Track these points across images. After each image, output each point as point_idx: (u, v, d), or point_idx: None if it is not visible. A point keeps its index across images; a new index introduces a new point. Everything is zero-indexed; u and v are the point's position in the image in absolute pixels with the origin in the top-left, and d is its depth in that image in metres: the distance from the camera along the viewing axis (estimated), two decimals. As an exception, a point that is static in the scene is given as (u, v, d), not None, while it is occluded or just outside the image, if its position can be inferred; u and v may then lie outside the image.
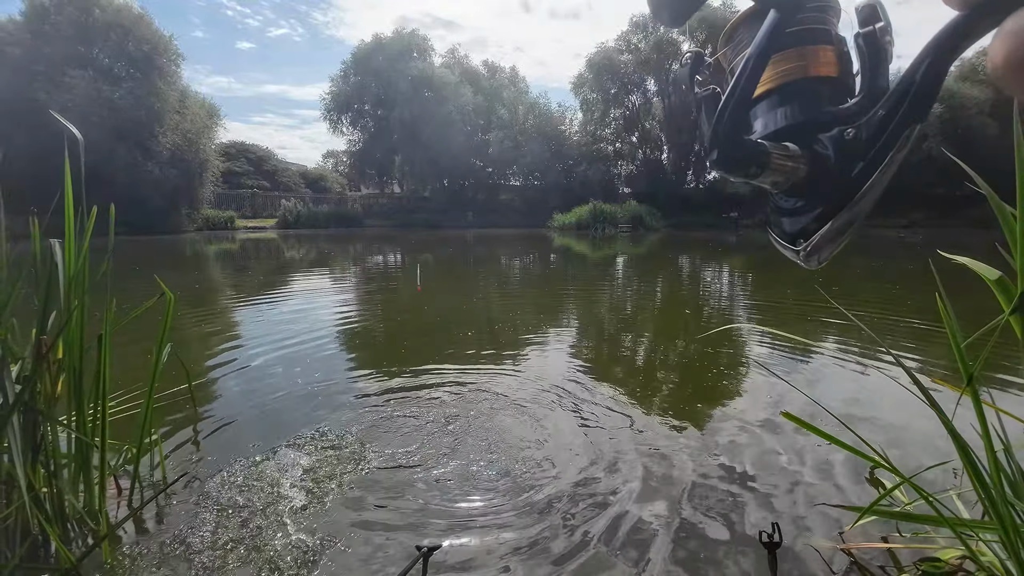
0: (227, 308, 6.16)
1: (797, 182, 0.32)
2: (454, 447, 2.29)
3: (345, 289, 7.74)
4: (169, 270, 10.30)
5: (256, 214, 31.84)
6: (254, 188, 33.78)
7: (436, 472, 2.07)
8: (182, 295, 6.64)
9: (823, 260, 0.33)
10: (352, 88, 36.00)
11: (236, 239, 21.05)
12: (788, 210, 0.34)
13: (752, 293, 7.74)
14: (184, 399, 2.82)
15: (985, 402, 1.18)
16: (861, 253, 14.51)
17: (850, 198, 0.30)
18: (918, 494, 1.27)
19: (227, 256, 14.08)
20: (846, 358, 3.75)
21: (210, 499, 1.87)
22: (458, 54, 38.61)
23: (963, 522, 1.21)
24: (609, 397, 2.92)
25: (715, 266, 11.39)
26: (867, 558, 1.55)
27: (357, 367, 3.51)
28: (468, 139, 35.23)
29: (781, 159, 0.32)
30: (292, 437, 2.38)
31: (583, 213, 26.52)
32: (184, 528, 1.71)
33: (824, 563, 1.53)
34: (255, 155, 37.78)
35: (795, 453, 2.22)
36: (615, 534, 1.68)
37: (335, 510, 1.81)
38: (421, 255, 14.10)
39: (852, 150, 0.31)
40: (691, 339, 4.43)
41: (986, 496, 1.10)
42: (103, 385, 1.67)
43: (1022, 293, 1.02)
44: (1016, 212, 1.03)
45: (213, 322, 5.29)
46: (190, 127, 25.26)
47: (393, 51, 35.16)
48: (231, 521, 1.74)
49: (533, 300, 6.93)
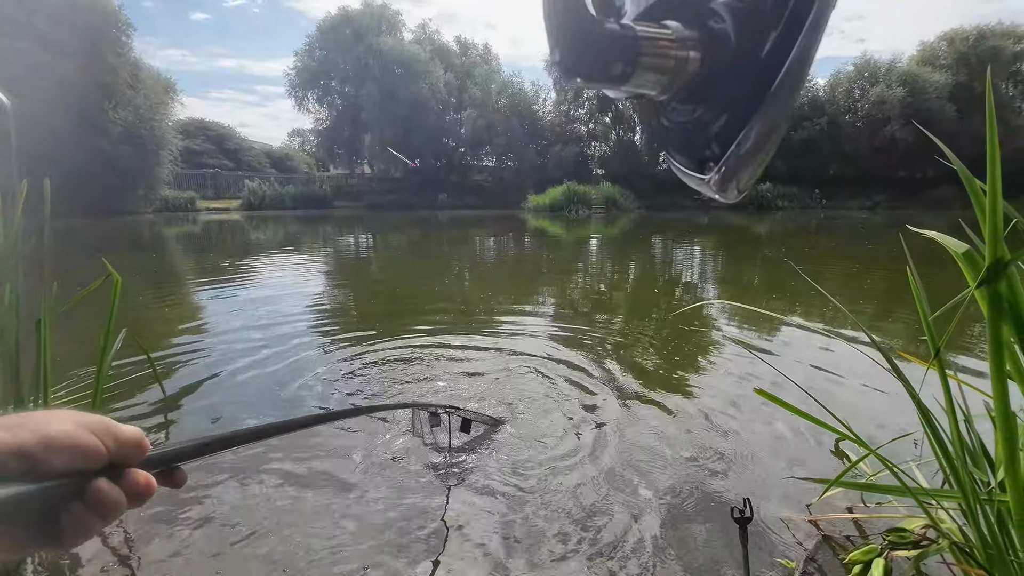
0: (190, 291, 5.91)
1: (689, 79, 0.23)
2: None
3: (315, 271, 7.54)
4: (127, 253, 9.83)
5: (219, 195, 30.64)
6: (216, 168, 32.42)
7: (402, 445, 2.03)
8: (141, 279, 6.35)
9: (743, 188, 0.24)
10: (318, 63, 34.67)
11: (198, 221, 20.25)
12: (685, 123, 0.24)
13: (722, 271, 7.88)
14: (148, 384, 2.69)
15: (949, 374, 1.20)
16: (826, 232, 14.93)
17: (765, 90, 0.20)
18: (883, 465, 1.29)
19: (189, 238, 13.54)
20: (812, 334, 3.85)
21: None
22: (429, 29, 37.56)
23: (926, 491, 1.24)
24: (581, 372, 2.91)
25: (687, 246, 11.55)
26: (834, 529, 1.59)
27: (328, 349, 3.41)
28: (440, 118, 34.54)
29: (660, 47, 0.22)
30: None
31: (557, 194, 26.46)
32: (142, 521, 1.63)
33: (792, 535, 1.56)
34: (215, 133, 36.18)
35: (764, 427, 2.26)
36: (585, 510, 1.68)
37: (301, 496, 1.76)
38: (391, 234, 13.85)
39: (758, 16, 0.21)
40: (663, 316, 4.47)
41: (948, 465, 1.12)
42: (44, 373, 1.55)
43: (989, 266, 1.02)
44: (985, 186, 1.03)
45: (176, 305, 5.08)
46: (144, 103, 23.90)
47: (361, 25, 33.91)
48: (193, 509, 1.67)
49: (509, 282, 6.89)
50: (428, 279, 6.85)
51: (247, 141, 38.74)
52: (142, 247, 11.15)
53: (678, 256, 9.82)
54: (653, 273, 7.74)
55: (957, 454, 1.15)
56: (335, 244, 11.93)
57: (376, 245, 12.08)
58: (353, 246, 11.62)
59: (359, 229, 16.53)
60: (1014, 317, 1.03)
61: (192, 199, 26.69)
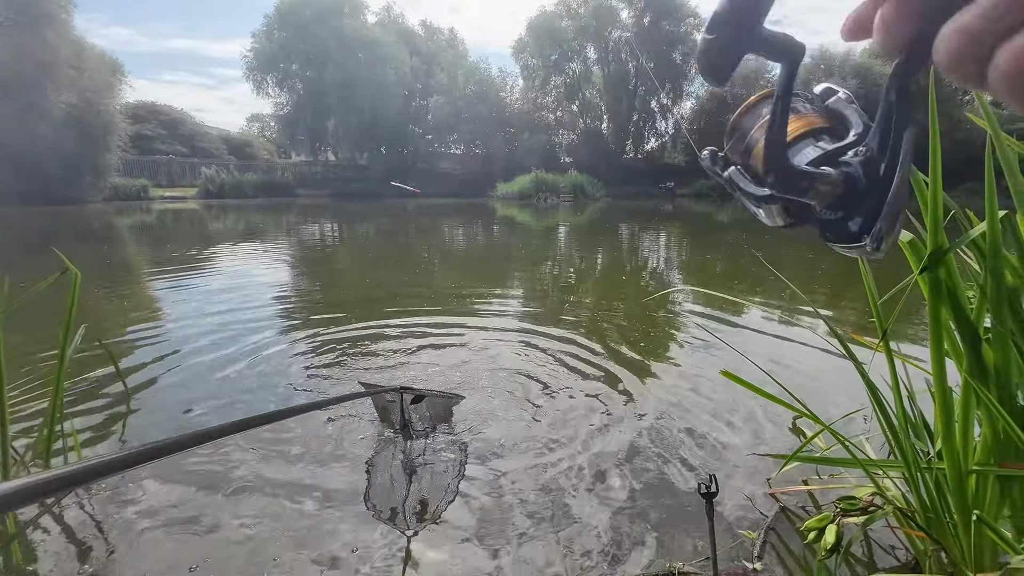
0: (146, 283, 5.68)
1: (840, 193, 0.38)
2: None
3: (278, 261, 7.34)
4: (77, 244, 9.32)
5: (173, 183, 29.26)
6: (170, 155, 30.88)
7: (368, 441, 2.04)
8: (95, 272, 6.05)
9: (890, 245, 0.37)
10: (277, 46, 33.37)
11: (151, 210, 19.33)
12: (839, 219, 0.39)
13: (687, 257, 8.10)
14: (108, 383, 2.59)
15: (895, 353, 1.29)
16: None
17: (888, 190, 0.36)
18: (836, 439, 1.39)
19: (143, 229, 12.93)
20: (771, 317, 4.03)
21: (135, 486, 1.74)
22: (393, 12, 36.64)
23: (872, 462, 1.34)
24: (546, 355, 2.97)
25: (653, 233, 11.79)
26: (792, 501, 1.70)
27: (294, 345, 3.35)
28: (406, 104, 33.90)
29: (823, 175, 0.38)
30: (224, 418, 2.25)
31: (526, 183, 26.47)
32: (105, 519, 1.59)
33: (754, 508, 1.66)
34: (168, 117, 34.36)
35: (727, 407, 2.37)
36: (552, 488, 1.73)
37: (265, 493, 1.75)
38: (357, 223, 13.60)
39: (871, 159, 0.37)
40: (629, 302, 4.58)
41: (892, 437, 1.22)
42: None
43: (931, 254, 1.11)
44: (928, 179, 1.11)
45: (134, 299, 4.87)
46: (89, 84, 22.46)
47: (323, 7, 32.74)
48: (159, 506, 1.64)
49: (476, 271, 6.89)
50: (394, 269, 6.78)
51: (203, 126, 36.97)
52: (91, 238, 10.58)
53: (645, 243, 10.02)
54: (620, 260, 7.88)
55: (901, 427, 1.25)
56: (298, 233, 11.63)
57: (342, 234, 11.83)
58: (318, 235, 11.36)
59: (324, 218, 16.13)
60: (951, 301, 1.12)
61: (145, 187, 25.38)
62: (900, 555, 1.43)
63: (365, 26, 32.88)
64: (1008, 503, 1.14)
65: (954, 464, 1.17)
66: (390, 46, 32.23)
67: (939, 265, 1.12)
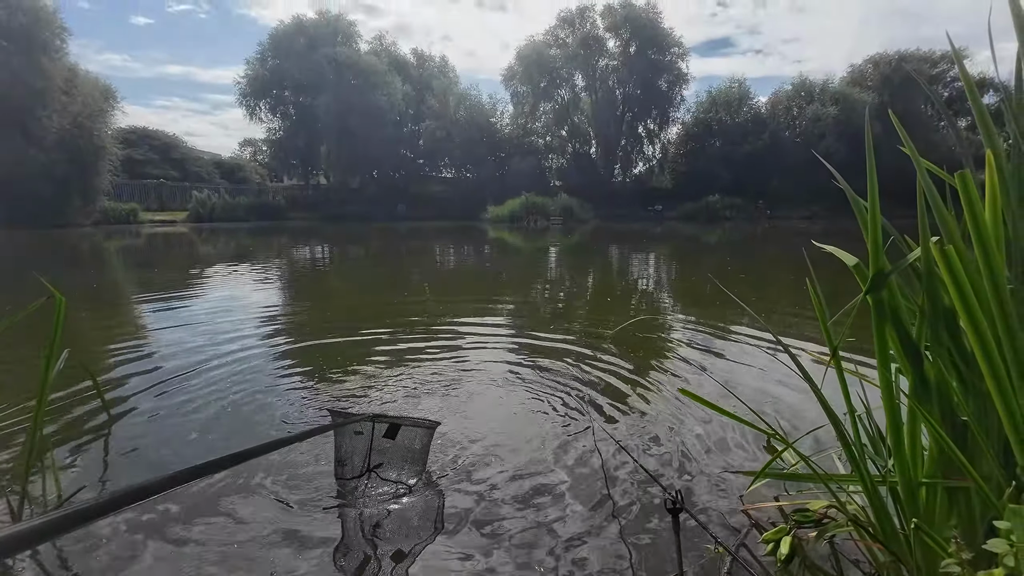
0: (136, 309, 5.66)
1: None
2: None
3: (269, 286, 7.35)
4: (65, 268, 9.27)
5: (164, 207, 29.25)
6: (160, 179, 30.94)
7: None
8: (80, 296, 6.02)
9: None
10: (270, 72, 33.92)
11: (141, 234, 19.27)
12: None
13: (673, 279, 8.22)
14: (92, 409, 2.59)
15: (849, 371, 1.36)
16: (775, 243, 15.76)
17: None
18: (798, 456, 1.44)
19: (130, 252, 12.88)
20: (750, 339, 4.11)
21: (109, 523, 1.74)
22: (385, 41, 37.48)
23: (831, 477, 1.39)
24: (526, 377, 3.01)
25: (642, 255, 11.95)
26: (763, 517, 1.74)
27: (284, 380, 3.35)
28: (397, 129, 34.40)
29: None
30: (206, 449, 2.26)
31: (516, 205, 26.79)
32: (80, 548, 1.59)
33: (728, 524, 1.70)
34: (160, 142, 34.58)
35: (701, 427, 2.41)
36: (528, 507, 1.76)
37: (254, 518, 1.75)
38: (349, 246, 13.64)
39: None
40: (615, 323, 4.64)
41: (847, 453, 1.27)
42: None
43: (873, 276, 1.18)
44: (867, 204, 1.20)
45: (120, 325, 4.85)
46: (81, 109, 22.66)
47: (316, 35, 33.49)
48: (136, 537, 1.64)
49: (471, 291, 6.94)
50: (383, 292, 6.81)
51: (194, 151, 37.21)
52: (79, 262, 10.53)
53: (633, 265, 10.15)
54: (609, 281, 7.98)
55: (856, 442, 1.30)
56: (290, 256, 11.64)
57: (333, 257, 11.87)
58: (309, 258, 11.38)
59: (315, 241, 16.17)
60: (894, 321, 1.19)
61: (134, 210, 25.35)
62: (864, 567, 1.47)
63: (358, 54, 33.55)
64: (955, 513, 1.19)
65: (905, 477, 1.23)
66: (382, 73, 32.86)
67: (881, 287, 1.19)
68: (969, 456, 1.12)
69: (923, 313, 1.18)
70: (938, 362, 1.15)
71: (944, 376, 1.13)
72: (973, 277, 1.01)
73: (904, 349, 1.19)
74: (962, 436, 1.16)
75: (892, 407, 1.22)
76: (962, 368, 1.15)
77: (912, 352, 1.18)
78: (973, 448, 1.14)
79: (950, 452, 1.08)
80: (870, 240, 1.18)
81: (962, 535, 1.18)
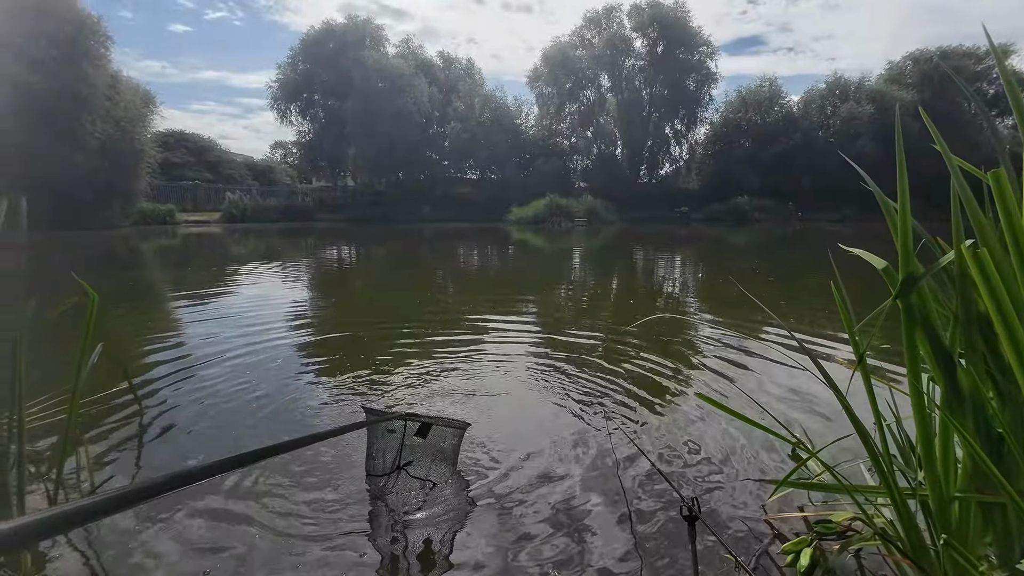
0: (170, 306, 5.87)
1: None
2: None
3: (299, 286, 7.52)
4: (105, 267, 9.68)
5: (198, 208, 30.22)
6: (196, 180, 32.00)
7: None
8: (119, 294, 6.27)
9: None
10: (301, 76, 34.73)
11: (176, 234, 19.97)
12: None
13: (700, 281, 8.07)
14: (124, 402, 2.69)
15: (878, 378, 1.31)
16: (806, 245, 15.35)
17: None
18: (823, 466, 1.39)
19: (167, 252, 13.36)
20: (778, 345, 3.99)
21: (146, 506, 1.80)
22: (412, 44, 37.93)
23: (857, 488, 1.34)
24: (552, 378, 2.99)
25: (667, 257, 11.78)
26: (786, 527, 1.69)
27: (313, 375, 3.41)
28: (424, 131, 34.74)
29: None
30: (235, 445, 2.32)
31: (540, 207, 26.75)
32: (111, 536, 1.65)
33: (750, 533, 1.65)
34: (196, 145, 35.79)
35: (723, 433, 2.36)
36: (546, 509, 1.75)
37: (276, 518, 1.79)
38: (375, 247, 13.83)
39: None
40: (634, 327, 4.58)
41: (875, 464, 1.22)
42: (19, 389, 1.58)
43: (903, 280, 1.14)
44: (897, 206, 1.15)
45: (156, 321, 5.04)
46: (123, 115, 23.57)
47: (345, 39, 34.14)
48: (166, 525, 1.70)
49: (491, 293, 6.96)
50: (409, 292, 6.89)
51: (228, 153, 38.40)
52: (117, 263, 10.98)
53: (659, 267, 10.01)
54: (634, 283, 7.89)
55: (884, 453, 1.25)
56: (318, 257, 11.89)
57: (359, 257, 12.07)
58: (336, 259, 11.60)
59: (342, 242, 16.48)
60: (925, 327, 1.14)
61: (171, 211, 26.26)
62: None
63: (385, 57, 34.04)
64: (991, 529, 1.14)
65: (936, 491, 1.17)
66: (409, 76, 33.25)
67: (911, 291, 1.14)
68: (1005, 470, 1.06)
69: (956, 319, 1.13)
70: (972, 370, 1.09)
71: (978, 385, 1.08)
72: (1008, 281, 0.96)
73: (936, 356, 1.14)
74: (997, 449, 1.10)
75: (923, 417, 1.17)
76: (998, 377, 1.09)
77: (944, 360, 1.13)
78: (1009, 462, 1.09)
79: (984, 466, 1.03)
80: (900, 242, 1.13)
81: (996, 553, 1.13)
